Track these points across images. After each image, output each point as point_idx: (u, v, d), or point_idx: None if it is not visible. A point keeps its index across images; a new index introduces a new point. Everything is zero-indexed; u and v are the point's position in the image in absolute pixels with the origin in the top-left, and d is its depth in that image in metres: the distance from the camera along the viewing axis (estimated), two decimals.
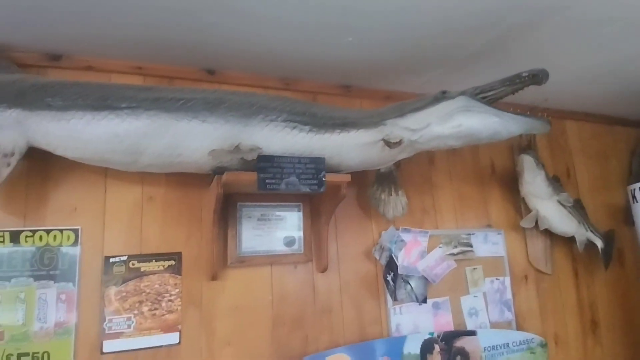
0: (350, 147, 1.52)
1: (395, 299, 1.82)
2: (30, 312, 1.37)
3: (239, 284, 1.62)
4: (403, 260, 1.87)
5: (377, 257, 1.86)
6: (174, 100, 1.33)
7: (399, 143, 1.53)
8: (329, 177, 1.46)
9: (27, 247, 1.40)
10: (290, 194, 1.69)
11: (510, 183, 2.22)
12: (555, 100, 2.33)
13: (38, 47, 1.50)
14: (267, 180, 1.36)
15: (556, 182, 2.22)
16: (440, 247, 1.97)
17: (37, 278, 1.39)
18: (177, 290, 1.52)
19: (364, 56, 1.71)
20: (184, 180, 1.59)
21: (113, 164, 1.40)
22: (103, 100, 1.30)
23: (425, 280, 1.89)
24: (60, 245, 1.43)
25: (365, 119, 1.55)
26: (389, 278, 1.81)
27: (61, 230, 1.44)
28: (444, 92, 1.55)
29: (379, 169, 1.81)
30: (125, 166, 1.41)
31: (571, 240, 2.23)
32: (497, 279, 2.07)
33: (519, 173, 2.13)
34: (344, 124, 1.50)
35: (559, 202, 2.12)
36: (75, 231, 1.46)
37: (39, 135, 1.31)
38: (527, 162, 2.05)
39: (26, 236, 1.40)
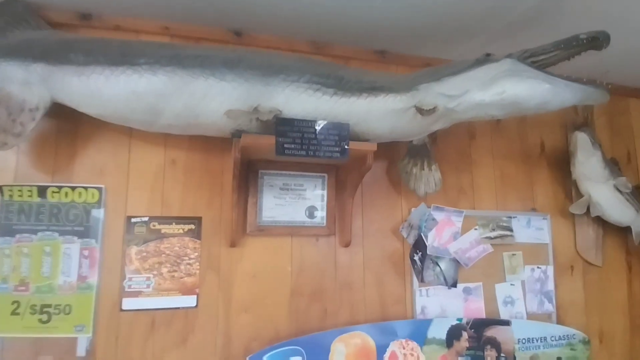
0: (378, 113, 1.41)
1: (421, 280, 1.72)
2: (56, 266, 1.41)
3: (258, 252, 1.58)
4: (433, 240, 1.75)
5: (405, 236, 1.76)
6: (192, 57, 1.28)
7: (433, 110, 1.40)
8: (353, 145, 1.37)
9: (53, 202, 1.43)
10: (315, 163, 1.62)
11: (561, 164, 2.01)
12: (619, 73, 2.05)
13: (69, 6, 1.50)
14: (285, 145, 1.29)
15: (614, 165, 1.99)
16: (476, 229, 1.83)
17: (62, 233, 1.42)
18: (196, 254, 1.51)
19: (399, 20, 1.57)
20: (206, 143, 1.56)
21: (134, 123, 1.39)
22: (122, 56, 1.27)
23: (456, 263, 1.76)
24: (85, 202, 1.46)
25: (395, 83, 1.43)
26: (416, 258, 1.71)
27: (86, 188, 1.46)
28: (487, 55, 1.39)
29: (411, 141, 1.69)
30: (146, 126, 1.39)
31: (626, 230, 2.00)
32: (538, 267, 1.90)
33: (572, 153, 1.92)
34: (372, 88, 1.38)
35: (616, 187, 1.89)
36: (100, 190, 1.47)
37: (62, 91, 1.31)
38: (581, 140, 1.84)
39: (52, 191, 1.44)
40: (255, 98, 1.30)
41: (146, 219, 1.49)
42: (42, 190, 1.43)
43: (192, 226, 1.52)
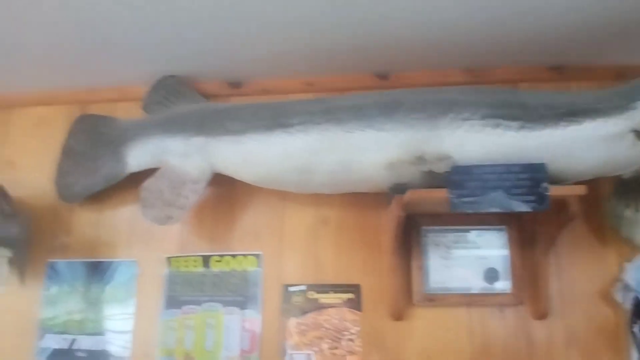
0: (582, 145, 1.08)
1: None
2: (218, 339, 1.36)
3: (429, 327, 1.32)
4: None
5: (620, 300, 1.30)
6: (345, 109, 1.16)
7: None
8: (555, 191, 1.05)
9: (215, 271, 1.42)
10: (491, 214, 1.32)
11: None
12: None
13: (219, 77, 1.56)
14: (463, 199, 1.04)
15: None
16: None
17: (224, 304, 1.39)
18: (357, 328, 1.32)
19: (579, 23, 1.23)
20: (359, 200, 1.41)
21: (287, 185, 1.31)
22: (274, 118, 1.23)
23: None
24: (245, 270, 1.41)
25: (602, 103, 1.09)
26: (635, 329, 1.24)
27: (245, 255, 1.42)
28: None
29: (620, 175, 1.27)
30: (299, 187, 1.31)
31: None
32: None
33: None
34: (572, 113, 1.07)
35: None
36: (257, 256, 1.42)
37: (220, 160, 1.31)
38: None
39: (215, 260, 1.43)
40: (420, 145, 1.11)
41: (303, 287, 1.37)
42: (206, 260, 1.43)
43: (351, 295, 1.35)
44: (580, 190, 1.07)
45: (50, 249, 1.51)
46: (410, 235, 1.36)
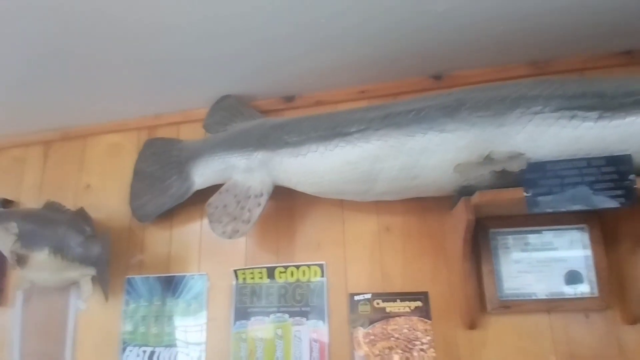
0: None
1: None
2: (287, 351, 1.37)
3: (506, 335, 1.24)
4: None
5: None
6: (404, 113, 1.14)
7: None
8: None
9: (280, 282, 1.44)
10: (567, 212, 1.22)
11: None
12: None
13: (273, 92, 1.60)
14: (540, 198, 0.98)
15: None
16: None
17: (292, 314, 1.40)
18: (429, 337, 1.28)
19: None
20: (421, 205, 1.38)
21: (348, 194, 1.31)
22: (332, 128, 1.23)
23: None
24: (309, 281, 1.42)
25: None
26: None
27: (309, 266, 1.43)
28: None
29: None
30: (360, 196, 1.30)
31: None
32: None
33: None
34: None
35: None
36: (321, 266, 1.42)
37: (281, 173, 1.33)
38: None
39: (280, 272, 1.45)
40: (486, 144, 1.06)
41: (369, 296, 1.35)
42: (270, 271, 1.45)
43: (419, 303, 1.31)
44: None
45: (128, 267, 1.61)
46: (477, 239, 1.30)
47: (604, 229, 1.24)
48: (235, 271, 1.49)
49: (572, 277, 1.23)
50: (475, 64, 1.45)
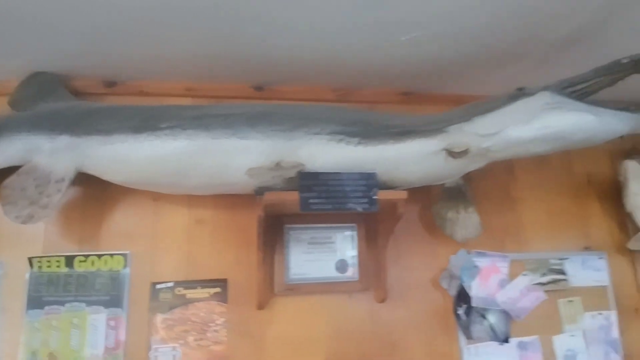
0: (407, 159, 1.34)
1: (469, 336, 1.56)
2: (83, 338, 1.36)
3: (289, 314, 1.49)
4: (478, 290, 1.60)
5: (445, 287, 1.62)
6: (213, 117, 1.27)
7: (465, 152, 1.31)
8: (382, 195, 1.29)
9: (80, 271, 1.41)
10: (344, 214, 1.53)
11: (613, 196, 1.84)
12: None
13: (95, 75, 1.54)
14: (310, 200, 1.23)
15: None
16: (525, 274, 1.66)
17: (89, 303, 1.39)
18: (223, 319, 1.43)
19: (424, 58, 1.52)
20: (232, 200, 1.52)
21: (159, 187, 1.37)
22: (144, 121, 1.28)
23: (506, 315, 1.59)
24: (111, 270, 1.43)
25: (423, 126, 1.36)
26: (460, 312, 1.56)
27: (112, 255, 1.44)
28: (520, 89, 1.30)
29: (444, 184, 1.58)
30: (170, 189, 1.38)
31: None
32: (599, 313, 1.69)
33: (623, 183, 1.75)
34: (399, 133, 1.32)
35: None
36: (125, 256, 1.44)
37: (88, 160, 1.32)
38: (632, 169, 1.69)
39: (80, 260, 1.42)
40: (279, 154, 1.26)
41: (171, 284, 1.44)
42: (69, 260, 1.41)
43: (218, 289, 1.45)
44: (401, 195, 1.33)
45: None
46: (276, 233, 1.52)
47: (368, 229, 1.60)
48: (30, 259, 1.40)
49: (341, 265, 1.54)
50: (292, 82, 1.66)
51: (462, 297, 1.58)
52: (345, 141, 1.27)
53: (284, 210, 1.43)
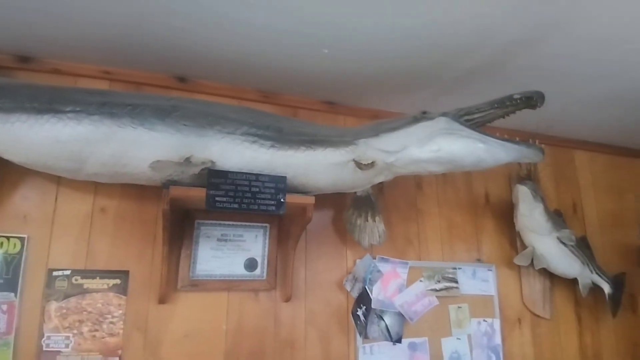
0: (317, 166, 1.40)
1: (365, 336, 1.66)
2: None
3: (190, 309, 1.49)
4: (379, 293, 1.71)
5: (349, 289, 1.71)
6: (121, 105, 1.24)
7: (371, 165, 1.41)
8: (290, 199, 1.34)
9: None
10: (257, 214, 1.57)
11: (506, 215, 2.04)
12: (562, 127, 2.17)
13: (8, 49, 1.46)
14: (217, 198, 1.25)
15: (558, 217, 2.03)
16: (421, 280, 1.80)
17: None
18: (121, 312, 1.41)
19: (346, 72, 1.61)
20: (140, 191, 1.50)
21: (58, 170, 1.32)
22: (48, 103, 1.23)
23: (401, 318, 1.72)
24: (6, 253, 1.35)
25: (334, 137, 1.43)
26: (359, 313, 1.65)
27: (8, 238, 1.36)
28: (424, 113, 1.42)
29: (356, 192, 1.67)
30: (71, 174, 1.33)
31: (574, 282, 2.02)
32: (485, 320, 1.88)
33: (515, 205, 1.95)
34: (311, 142, 1.38)
35: (559, 239, 1.92)
36: (22, 239, 1.38)
37: None
38: (522, 193, 1.87)
39: None
40: (189, 149, 1.27)
41: (68, 272, 1.39)
42: None
43: (118, 281, 1.43)
44: (309, 200, 1.39)
45: None
46: (185, 228, 1.52)
47: (280, 229, 1.65)
48: None
49: (250, 264, 1.58)
50: (216, 78, 1.67)
51: (363, 299, 1.67)
52: (258, 143, 1.31)
53: (191, 206, 1.44)
